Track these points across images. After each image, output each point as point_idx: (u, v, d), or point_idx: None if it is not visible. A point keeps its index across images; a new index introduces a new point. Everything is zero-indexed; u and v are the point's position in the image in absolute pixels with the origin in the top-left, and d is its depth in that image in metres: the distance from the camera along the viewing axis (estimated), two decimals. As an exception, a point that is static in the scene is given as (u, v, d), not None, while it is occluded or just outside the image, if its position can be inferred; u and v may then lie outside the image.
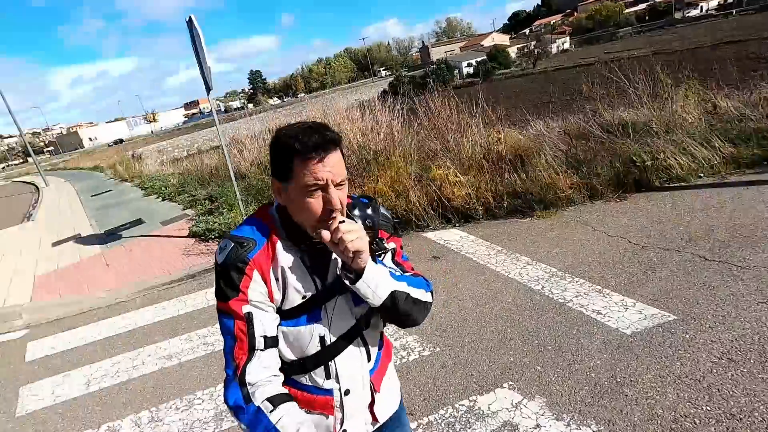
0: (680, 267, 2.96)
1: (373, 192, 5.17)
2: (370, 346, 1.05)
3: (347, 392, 1.01)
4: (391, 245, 1.04)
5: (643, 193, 4.56)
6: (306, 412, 0.97)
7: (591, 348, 2.36)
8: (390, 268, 0.98)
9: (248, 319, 0.90)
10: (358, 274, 0.89)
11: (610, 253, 3.36)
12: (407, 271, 1.04)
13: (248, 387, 0.89)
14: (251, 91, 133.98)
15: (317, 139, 0.85)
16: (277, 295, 0.93)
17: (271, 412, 0.87)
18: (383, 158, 6.03)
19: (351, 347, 1.01)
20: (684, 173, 4.73)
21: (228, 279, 0.90)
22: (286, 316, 0.95)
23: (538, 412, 2.00)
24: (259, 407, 0.87)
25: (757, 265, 2.77)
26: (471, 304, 3.04)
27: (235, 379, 0.90)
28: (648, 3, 77.35)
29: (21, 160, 75.85)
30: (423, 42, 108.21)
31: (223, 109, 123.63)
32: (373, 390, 1.07)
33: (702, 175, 4.70)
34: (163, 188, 9.56)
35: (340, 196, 0.88)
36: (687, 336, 2.29)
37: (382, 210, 1.06)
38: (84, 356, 3.46)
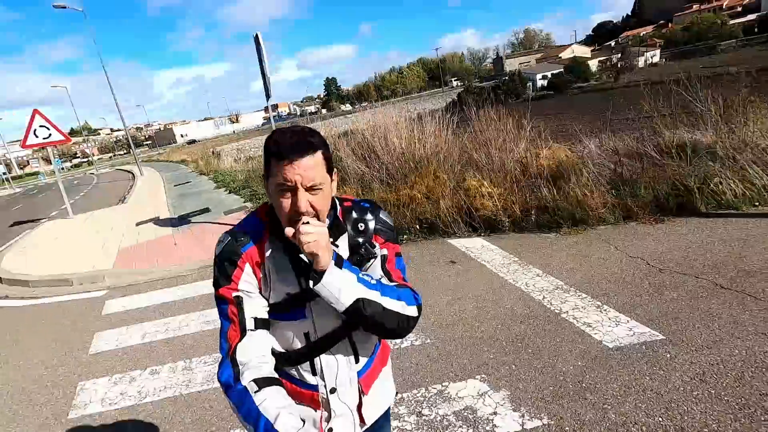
0: (690, 292, 2.93)
1: (407, 197, 5.47)
2: (359, 347, 1.06)
3: (333, 390, 1.04)
4: (383, 251, 1.05)
5: (685, 217, 4.39)
6: (296, 402, 0.99)
7: (568, 355, 2.47)
8: (367, 274, 0.98)
9: (238, 302, 0.96)
10: (321, 275, 0.91)
11: (623, 272, 3.37)
12: (393, 281, 1.04)
13: (239, 366, 0.92)
14: (326, 96, 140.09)
15: (293, 141, 0.89)
16: (265, 290, 0.99)
17: (255, 392, 0.89)
18: (423, 166, 6.31)
19: (338, 346, 1.03)
20: (737, 201, 4.49)
21: (222, 269, 0.97)
22: (274, 309, 0.99)
23: (499, 402, 2.19)
24: (245, 387, 0.90)
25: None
26: (471, 306, 3.23)
27: (227, 357, 0.94)
28: (759, 14, 69.47)
29: (125, 151, 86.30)
30: (497, 53, 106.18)
31: (298, 113, 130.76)
32: (361, 392, 1.08)
33: (758, 204, 4.43)
34: (231, 182, 10.64)
35: (312, 201, 0.91)
36: (668, 355, 2.33)
37: (382, 216, 1.06)
38: (145, 315, 4.14)
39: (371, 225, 1.03)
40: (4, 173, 53.63)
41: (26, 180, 54.53)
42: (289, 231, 0.90)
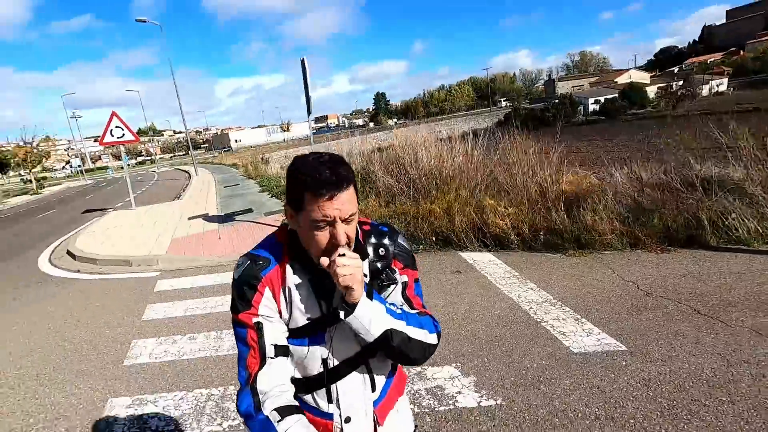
0: (667, 315, 3.17)
1: (426, 211, 5.92)
2: (375, 375, 1.05)
3: (348, 420, 1.02)
4: (403, 278, 1.04)
5: (693, 249, 4.54)
6: None
7: (536, 356, 2.82)
8: (392, 303, 0.98)
9: (258, 328, 0.94)
10: (353, 307, 0.90)
11: (611, 293, 3.64)
12: (414, 308, 1.03)
13: (259, 395, 0.91)
14: (374, 110, 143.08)
15: (329, 176, 0.87)
16: (285, 314, 0.97)
17: (278, 422, 0.89)
18: (447, 184, 6.74)
19: (354, 374, 1.01)
20: (749, 237, 4.58)
21: (241, 293, 0.95)
22: (292, 334, 0.98)
23: (465, 385, 2.59)
24: (267, 417, 0.89)
25: (744, 326, 2.89)
26: (463, 309, 3.62)
27: (247, 386, 0.93)
28: None
29: (184, 152, 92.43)
30: (549, 75, 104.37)
31: (346, 125, 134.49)
32: (376, 422, 1.06)
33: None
34: (274, 187, 11.52)
35: (346, 231, 0.90)
36: (623, 363, 2.63)
37: (401, 240, 1.05)
38: (188, 295, 4.83)
39: (391, 249, 1.02)
40: (79, 166, 58.88)
41: (96, 173, 59.70)
42: (324, 261, 0.89)
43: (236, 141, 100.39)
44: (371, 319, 0.91)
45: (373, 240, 1.02)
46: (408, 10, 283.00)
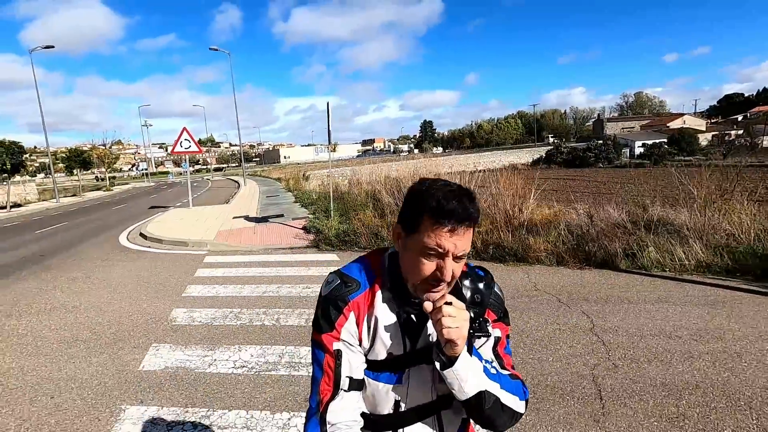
0: (534, 300, 4.62)
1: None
2: (445, 428, 0.98)
3: None
4: (496, 332, 0.96)
5: (604, 270, 5.88)
6: None
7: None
8: (486, 360, 0.90)
9: (337, 356, 0.89)
10: (450, 360, 0.83)
11: (510, 287, 5.10)
12: (506, 368, 0.95)
13: (327, 426, 0.88)
14: (421, 138, 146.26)
15: (457, 208, 0.81)
16: (366, 343, 0.91)
17: None
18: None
19: (423, 424, 0.96)
20: (649, 264, 5.88)
21: (326, 313, 0.90)
22: (369, 366, 0.93)
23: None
24: None
25: (578, 309, 4.31)
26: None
27: (316, 414, 0.90)
28: None
29: (236, 164, 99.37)
30: (598, 114, 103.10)
31: (392, 150, 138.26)
32: None
33: (666, 269, 5.77)
34: (306, 200, 13.56)
35: (454, 269, 0.84)
36: (484, 318, 4.14)
37: (496, 289, 0.99)
38: (228, 267, 6.71)
39: (486, 297, 0.93)
40: (145, 169, 65.00)
41: (158, 177, 65.68)
42: (428, 306, 0.82)
43: (285, 157, 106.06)
44: (468, 376, 0.84)
45: (468, 283, 0.92)
46: (465, 42, 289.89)
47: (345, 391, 0.90)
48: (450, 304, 0.81)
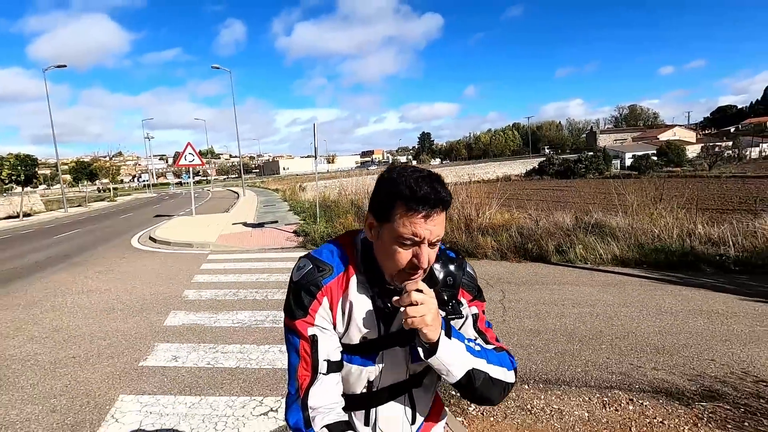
0: (471, 283, 5.90)
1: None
2: (417, 407, 1.01)
3: None
4: (472, 309, 0.98)
5: (537, 263, 7.16)
6: None
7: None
8: (469, 338, 0.91)
9: (312, 341, 0.89)
10: (432, 347, 0.84)
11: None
12: (490, 342, 0.97)
13: (309, 411, 0.88)
14: (419, 149, 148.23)
15: (429, 193, 0.80)
16: (340, 327, 0.92)
17: None
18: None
19: (396, 402, 0.99)
20: (575, 258, 7.16)
21: (298, 298, 0.90)
22: (344, 350, 0.94)
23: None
24: None
25: (500, 290, 5.57)
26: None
27: (297, 400, 0.90)
28: None
29: (236, 175, 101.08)
30: (591, 127, 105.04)
31: (390, 161, 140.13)
32: None
33: (588, 263, 7.06)
34: (298, 208, 14.88)
35: (429, 255, 0.84)
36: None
37: (468, 268, 1.00)
38: (228, 262, 7.98)
39: (458, 278, 0.94)
40: (146, 180, 66.35)
41: (159, 188, 67.06)
42: (396, 297, 0.84)
43: (285, 169, 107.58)
44: (453, 359, 0.85)
45: (439, 267, 0.93)
46: (464, 56, 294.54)
47: (324, 374, 0.89)
48: (420, 291, 0.80)
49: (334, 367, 0.91)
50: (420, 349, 0.85)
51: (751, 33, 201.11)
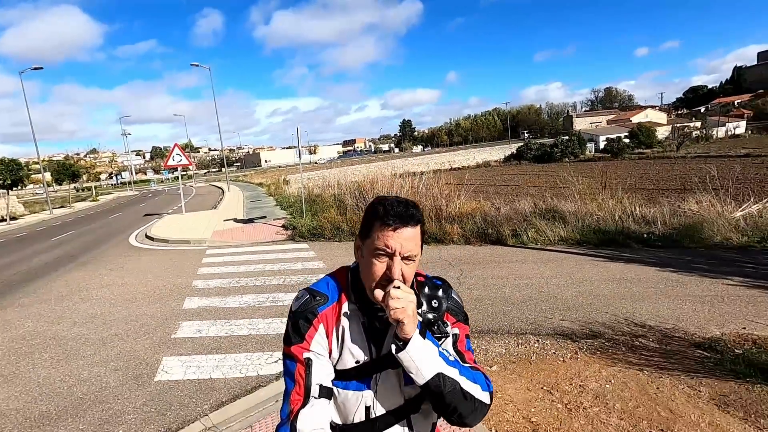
0: (435, 264, 7.00)
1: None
2: None
3: None
4: (454, 330, 1.05)
5: (495, 246, 8.33)
6: None
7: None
8: (445, 350, 0.98)
9: (307, 364, 0.96)
10: (404, 343, 0.92)
11: (424, 259, 7.49)
12: (467, 362, 1.03)
13: None
14: (400, 136, 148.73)
15: (400, 210, 0.94)
16: (335, 353, 0.99)
17: None
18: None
19: (396, 428, 1.02)
20: (528, 240, 8.36)
21: (296, 326, 0.98)
22: (338, 376, 1.00)
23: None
24: None
25: (459, 267, 6.71)
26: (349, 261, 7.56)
27: (287, 423, 0.94)
28: None
29: (217, 169, 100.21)
30: (568, 110, 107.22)
31: (372, 149, 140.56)
32: None
33: (538, 244, 8.26)
34: (284, 202, 15.81)
35: (404, 270, 0.93)
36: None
37: (454, 295, 1.08)
38: (225, 256, 8.93)
39: (444, 303, 1.02)
40: (124, 178, 65.49)
41: (140, 186, 66.37)
42: (378, 293, 0.93)
43: (266, 161, 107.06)
44: (423, 358, 0.92)
45: (426, 291, 1.01)
46: (444, 42, 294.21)
47: (315, 398, 0.95)
48: (398, 288, 0.90)
49: (325, 392, 0.96)
50: (393, 347, 0.93)
51: (722, 11, 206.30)
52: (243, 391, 3.43)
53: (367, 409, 1.01)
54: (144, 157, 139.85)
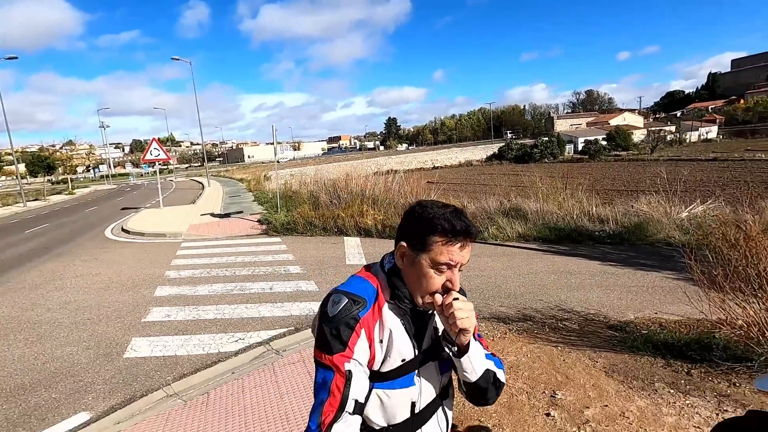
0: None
1: (335, 214, 10.26)
2: (448, 417, 1.11)
3: None
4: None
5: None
6: None
7: (332, 265, 7.14)
8: (480, 345, 1.05)
9: (347, 377, 0.94)
10: (461, 349, 0.98)
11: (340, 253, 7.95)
12: (486, 350, 1.10)
13: None
14: (385, 134, 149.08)
15: (464, 227, 0.95)
16: (379, 356, 0.98)
17: None
18: (359, 200, 11.13)
19: (434, 418, 1.07)
20: (488, 237, 8.87)
21: (337, 333, 0.94)
22: (382, 378, 1.00)
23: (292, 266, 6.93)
24: None
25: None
26: (329, 255, 7.95)
27: None
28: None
29: (199, 164, 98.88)
30: (550, 112, 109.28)
31: (358, 147, 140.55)
32: None
33: (498, 240, 8.78)
34: (262, 198, 16.07)
35: (459, 278, 0.98)
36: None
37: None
38: (200, 249, 9.21)
39: (462, 293, 1.04)
40: (102, 171, 64.18)
41: (118, 179, 65.12)
42: (438, 299, 0.96)
43: (249, 156, 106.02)
44: (477, 358, 1.00)
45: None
46: (432, 40, 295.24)
47: (350, 414, 0.93)
48: (457, 299, 0.94)
49: (359, 408, 0.96)
50: (451, 353, 0.99)
51: (700, 18, 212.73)
52: (203, 366, 3.81)
53: (413, 404, 1.03)
54: (123, 150, 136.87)
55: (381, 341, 0.98)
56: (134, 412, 3.12)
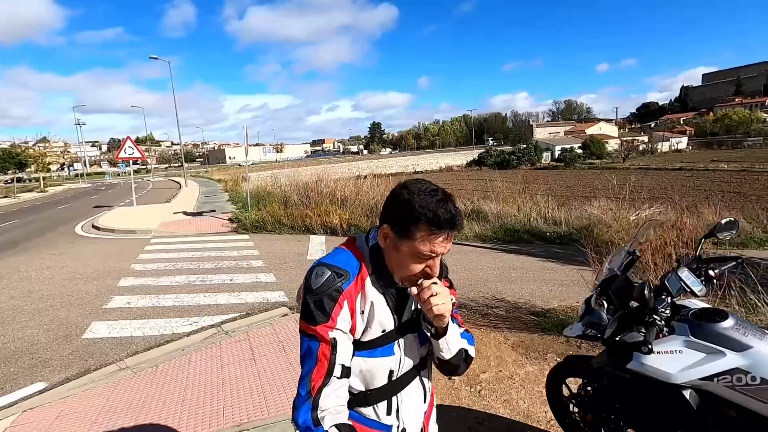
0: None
1: (303, 214, 10.61)
2: (426, 387, 1.16)
3: (403, 431, 1.11)
4: (451, 298, 1.07)
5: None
6: None
7: (292, 258, 7.50)
8: (455, 322, 1.10)
9: (333, 344, 0.97)
10: (439, 331, 1.03)
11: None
12: (461, 325, 1.15)
13: (319, 411, 0.95)
14: (370, 138, 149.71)
15: (449, 217, 0.93)
16: (360, 327, 1.02)
17: None
18: (327, 201, 11.51)
19: (413, 385, 1.12)
20: (469, 236, 9.29)
21: (320, 304, 0.97)
22: (363, 347, 1.03)
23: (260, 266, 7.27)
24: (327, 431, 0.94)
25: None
26: (295, 251, 8.29)
27: (308, 400, 0.97)
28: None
29: (179, 164, 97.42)
30: (529, 120, 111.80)
31: (341, 150, 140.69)
32: (423, 431, 1.17)
33: (477, 240, 9.22)
34: (237, 198, 16.28)
35: (439, 264, 1.00)
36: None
37: (443, 261, 1.10)
38: (169, 244, 9.43)
39: (443, 271, 1.08)
40: (77, 170, 62.77)
41: (94, 178, 63.76)
42: (413, 290, 0.98)
43: (231, 158, 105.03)
44: (453, 340, 1.06)
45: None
46: (418, 47, 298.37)
47: (337, 378, 0.98)
48: (435, 284, 0.96)
49: (346, 372, 1.00)
50: (429, 334, 1.05)
51: (675, 32, 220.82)
52: (156, 345, 4.14)
53: (390, 372, 1.07)
54: (101, 149, 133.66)
55: (362, 312, 1.01)
56: (87, 382, 3.44)
